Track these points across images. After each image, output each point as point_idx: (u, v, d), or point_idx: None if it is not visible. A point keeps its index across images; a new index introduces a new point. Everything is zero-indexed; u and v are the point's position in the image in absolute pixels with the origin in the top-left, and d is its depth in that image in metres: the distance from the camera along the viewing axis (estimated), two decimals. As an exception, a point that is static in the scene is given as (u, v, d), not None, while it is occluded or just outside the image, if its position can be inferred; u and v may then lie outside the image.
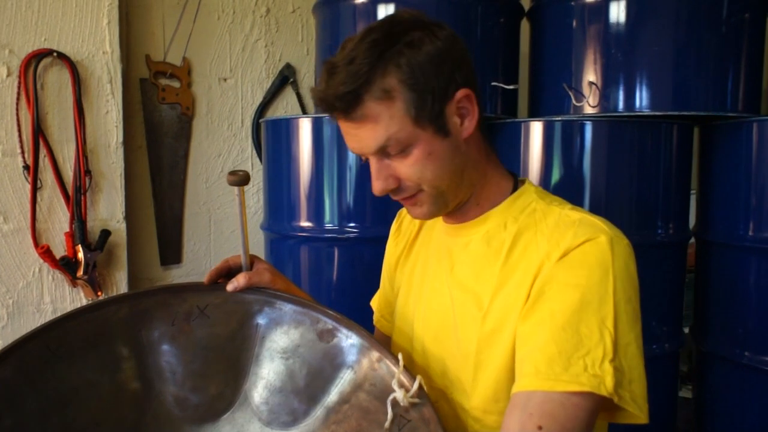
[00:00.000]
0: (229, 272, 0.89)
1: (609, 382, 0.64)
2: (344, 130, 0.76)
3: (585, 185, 1.42)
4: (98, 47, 1.62)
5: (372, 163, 0.76)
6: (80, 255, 1.57)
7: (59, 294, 1.63)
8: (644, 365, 0.69)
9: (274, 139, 1.62)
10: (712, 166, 1.55)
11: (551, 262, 0.71)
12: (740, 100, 1.43)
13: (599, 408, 0.66)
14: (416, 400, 0.73)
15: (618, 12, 1.41)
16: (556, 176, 1.44)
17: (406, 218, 0.98)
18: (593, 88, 1.42)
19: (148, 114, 1.83)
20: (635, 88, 1.41)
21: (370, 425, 0.76)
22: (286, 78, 1.97)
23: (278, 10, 1.95)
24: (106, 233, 1.63)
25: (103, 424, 0.81)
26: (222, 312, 0.87)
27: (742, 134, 1.45)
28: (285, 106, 1.99)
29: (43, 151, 1.57)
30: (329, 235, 1.52)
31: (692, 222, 1.63)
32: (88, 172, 1.60)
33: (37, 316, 1.62)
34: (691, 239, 1.59)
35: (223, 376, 0.86)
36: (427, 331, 0.85)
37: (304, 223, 1.55)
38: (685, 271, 1.59)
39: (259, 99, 1.95)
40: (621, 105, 1.41)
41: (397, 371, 0.75)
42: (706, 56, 1.39)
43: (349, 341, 0.82)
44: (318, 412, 0.81)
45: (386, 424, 0.73)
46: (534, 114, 1.61)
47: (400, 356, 0.76)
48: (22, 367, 0.79)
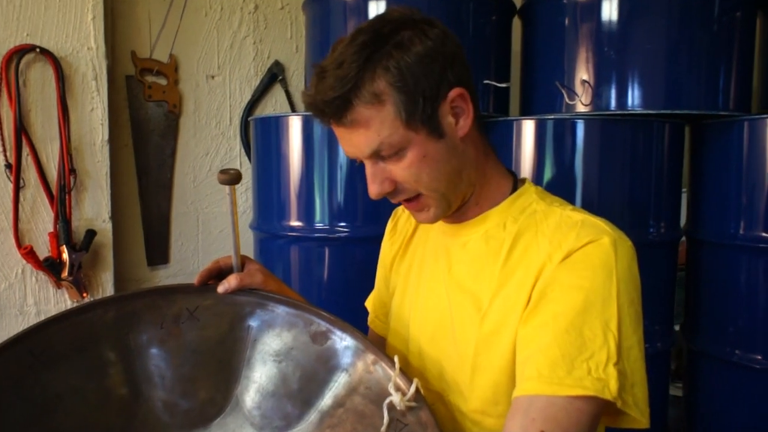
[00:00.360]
0: (219, 273, 0.87)
1: (613, 386, 0.63)
2: (337, 135, 0.75)
3: (577, 184, 1.41)
4: (83, 43, 1.59)
5: (367, 166, 0.75)
6: (65, 256, 1.54)
7: (43, 296, 1.60)
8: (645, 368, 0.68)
9: (263, 137, 1.59)
10: (703, 165, 1.55)
11: (553, 263, 0.70)
12: (731, 98, 1.43)
13: (602, 412, 0.65)
14: (413, 404, 0.72)
15: (610, 10, 1.40)
16: (548, 175, 1.44)
17: (402, 217, 0.97)
18: (586, 86, 1.42)
19: (134, 112, 1.79)
20: (627, 87, 1.40)
21: (365, 429, 0.74)
22: (274, 75, 1.94)
23: (267, 7, 1.93)
24: (91, 233, 1.59)
25: (89, 431, 0.78)
26: (212, 314, 0.85)
27: (733, 133, 1.45)
28: (274, 103, 1.97)
29: (25, 150, 1.54)
30: (320, 234, 1.50)
31: (683, 221, 1.63)
32: (72, 170, 1.57)
33: (20, 319, 1.58)
34: (681, 238, 1.60)
35: (214, 380, 0.84)
36: (423, 332, 0.84)
37: (294, 223, 1.53)
38: (676, 269, 1.60)
39: (247, 97, 1.92)
40: (613, 103, 1.41)
41: (394, 374, 0.74)
42: (698, 55, 1.39)
43: (343, 343, 0.81)
44: (312, 416, 0.79)
45: (382, 429, 0.71)
46: (526, 112, 1.60)
47: (396, 359, 0.74)
48: (5, 374, 0.76)
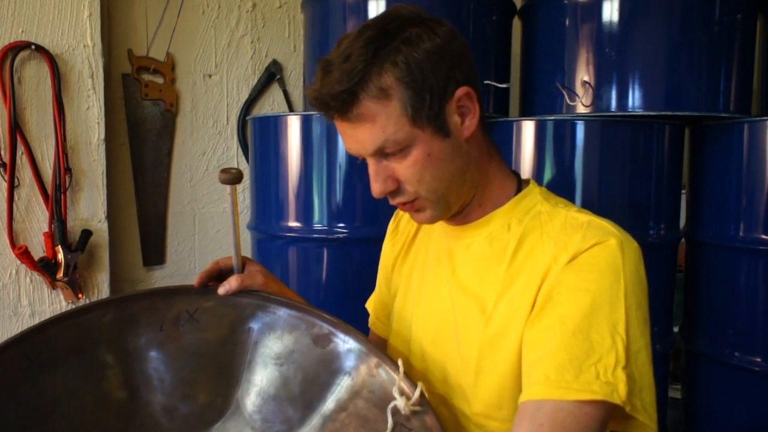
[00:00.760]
0: (220, 275, 0.85)
1: (622, 390, 0.62)
2: (340, 131, 0.73)
3: (576, 185, 1.41)
4: (79, 40, 1.57)
5: (370, 164, 0.74)
6: (60, 256, 1.52)
7: (37, 296, 1.58)
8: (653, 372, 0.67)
9: (261, 136, 1.58)
10: (703, 167, 1.55)
11: (559, 265, 0.69)
12: (732, 100, 1.43)
13: (609, 417, 0.64)
14: (417, 408, 0.71)
15: (611, 11, 1.40)
16: (548, 176, 1.43)
17: (404, 218, 0.96)
18: (587, 87, 1.41)
19: (130, 110, 1.78)
20: (628, 88, 1.40)
21: (369, 434, 0.73)
22: (272, 75, 1.93)
23: (265, 6, 1.91)
24: (87, 233, 1.57)
25: (87, 435, 0.77)
26: (213, 316, 0.84)
27: (733, 135, 1.45)
28: (271, 103, 1.95)
29: (20, 148, 1.51)
30: (318, 235, 1.48)
31: (682, 222, 1.63)
32: (68, 169, 1.55)
33: (14, 320, 1.56)
34: (681, 239, 1.59)
35: (214, 383, 0.82)
36: (425, 334, 0.83)
37: (293, 223, 1.52)
38: (675, 271, 1.59)
39: (244, 96, 1.91)
40: (614, 105, 1.40)
41: (398, 378, 0.73)
42: (699, 57, 1.38)
43: (346, 346, 0.79)
44: (314, 420, 0.78)
45: (386, 433, 0.70)
46: (526, 113, 1.59)
47: (400, 362, 0.73)
48: (0, 378, 0.74)
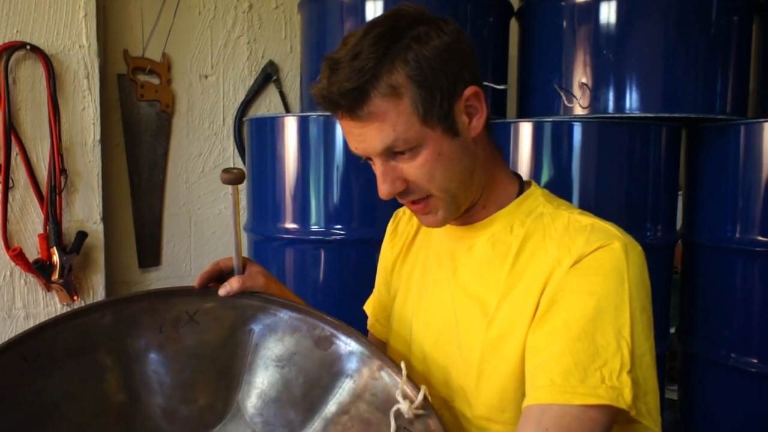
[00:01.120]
0: (220, 276, 0.84)
1: (627, 395, 0.62)
2: (347, 130, 0.72)
3: (574, 187, 1.41)
4: (74, 41, 1.56)
5: (377, 164, 0.72)
6: (55, 258, 1.50)
7: (32, 299, 1.56)
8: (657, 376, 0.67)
9: (258, 138, 1.57)
10: (699, 169, 1.55)
11: (563, 269, 0.69)
12: (728, 102, 1.43)
13: (614, 421, 0.64)
14: (421, 412, 0.70)
15: (608, 13, 1.40)
16: (545, 177, 1.43)
17: (403, 219, 0.95)
18: (584, 88, 1.41)
19: (126, 111, 1.76)
20: (625, 90, 1.40)
21: (371, 437, 0.73)
22: (269, 75, 1.92)
23: (261, 6, 1.91)
24: (82, 235, 1.56)
25: (86, 439, 0.76)
26: (213, 318, 0.83)
27: (729, 137, 1.45)
28: (268, 104, 1.94)
29: (15, 149, 1.50)
30: (315, 237, 1.48)
31: (678, 224, 1.64)
32: (63, 171, 1.53)
33: (8, 322, 1.54)
34: (677, 241, 1.60)
35: (214, 386, 0.81)
36: (426, 336, 0.83)
37: (290, 225, 1.51)
38: (672, 272, 1.60)
39: (241, 97, 1.90)
40: (611, 106, 1.41)
41: (401, 381, 0.72)
42: (695, 59, 1.39)
43: (348, 348, 0.79)
44: (316, 423, 0.77)
45: (389, 437, 0.70)
46: (523, 115, 1.59)
47: (403, 365, 0.72)
48: (-2, 380, 0.74)
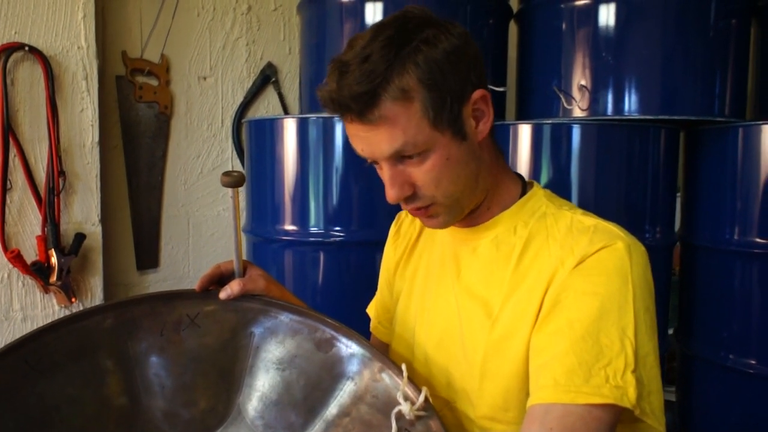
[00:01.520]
0: (221, 279, 0.84)
1: (632, 394, 0.62)
2: (354, 133, 0.71)
3: (573, 188, 1.41)
4: (73, 42, 1.55)
5: (385, 169, 0.71)
6: (53, 260, 1.50)
7: (29, 301, 1.56)
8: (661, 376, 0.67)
9: (257, 139, 1.57)
10: (698, 171, 1.55)
11: (566, 269, 0.69)
12: (727, 104, 1.44)
13: (618, 421, 0.64)
14: (422, 413, 0.70)
15: (607, 16, 1.40)
16: (544, 179, 1.43)
17: (406, 220, 0.95)
18: (584, 91, 1.41)
19: (124, 113, 1.76)
20: (624, 92, 1.41)
21: (373, 439, 0.73)
22: (267, 77, 1.92)
23: (260, 8, 1.91)
24: (80, 237, 1.56)
25: (86, 442, 0.76)
26: (214, 321, 0.83)
27: (727, 139, 1.46)
28: (266, 106, 1.94)
29: (13, 151, 1.50)
30: (314, 239, 1.47)
31: (677, 225, 1.64)
32: (61, 172, 1.53)
33: (6, 325, 1.54)
34: (676, 243, 1.60)
35: (215, 389, 0.81)
36: (429, 337, 0.83)
37: (289, 227, 1.51)
38: (671, 274, 1.60)
39: (239, 98, 1.90)
40: (610, 108, 1.41)
41: (402, 383, 0.72)
42: (694, 61, 1.39)
43: (348, 351, 0.79)
44: (317, 425, 0.77)
45: (391, 438, 0.70)
46: (522, 117, 1.60)
47: (404, 367, 0.72)
48: (-1, 384, 0.73)
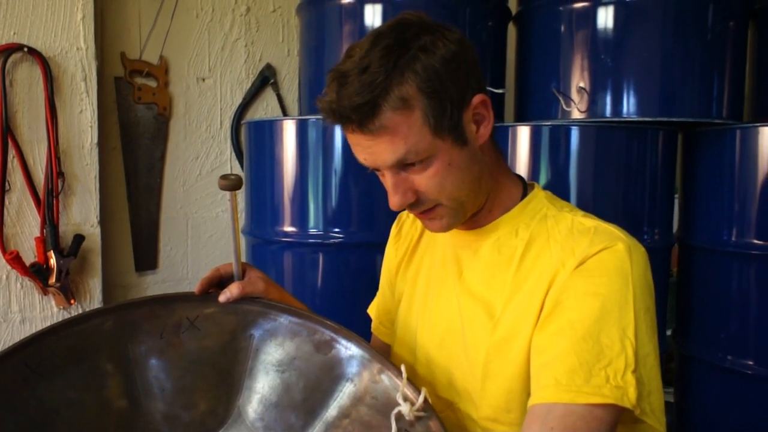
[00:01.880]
0: (220, 281, 0.85)
1: (632, 394, 0.63)
2: (355, 143, 0.71)
3: (571, 190, 1.42)
4: (72, 43, 1.55)
5: (388, 176, 0.72)
6: (52, 261, 1.49)
7: (28, 302, 1.55)
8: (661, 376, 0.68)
9: (257, 141, 1.57)
10: (695, 172, 1.56)
11: (567, 270, 0.69)
12: (724, 106, 1.44)
13: (618, 420, 0.64)
14: (422, 414, 0.71)
15: (605, 18, 1.41)
16: (543, 181, 1.44)
17: (407, 222, 0.95)
18: (582, 93, 1.42)
19: (123, 114, 1.76)
20: (623, 94, 1.41)
21: (372, 441, 0.73)
22: (266, 79, 1.92)
23: (258, 10, 1.91)
24: (79, 238, 1.55)
25: (86, 445, 0.76)
26: (213, 323, 0.83)
27: (725, 141, 1.47)
28: (265, 107, 1.94)
29: (11, 152, 1.49)
30: (314, 240, 1.48)
31: (675, 227, 1.65)
32: (60, 174, 1.53)
33: (4, 327, 1.53)
34: (674, 244, 1.61)
35: (215, 391, 0.81)
36: (431, 339, 0.83)
37: (288, 228, 1.51)
38: (669, 275, 1.61)
39: (238, 100, 1.90)
40: (609, 110, 1.41)
41: (401, 384, 0.72)
42: (692, 63, 1.40)
43: (348, 352, 0.79)
44: (317, 427, 0.77)
45: (391, 440, 0.70)
46: (521, 118, 1.60)
47: (403, 368, 0.73)
48: (-1, 386, 0.73)
